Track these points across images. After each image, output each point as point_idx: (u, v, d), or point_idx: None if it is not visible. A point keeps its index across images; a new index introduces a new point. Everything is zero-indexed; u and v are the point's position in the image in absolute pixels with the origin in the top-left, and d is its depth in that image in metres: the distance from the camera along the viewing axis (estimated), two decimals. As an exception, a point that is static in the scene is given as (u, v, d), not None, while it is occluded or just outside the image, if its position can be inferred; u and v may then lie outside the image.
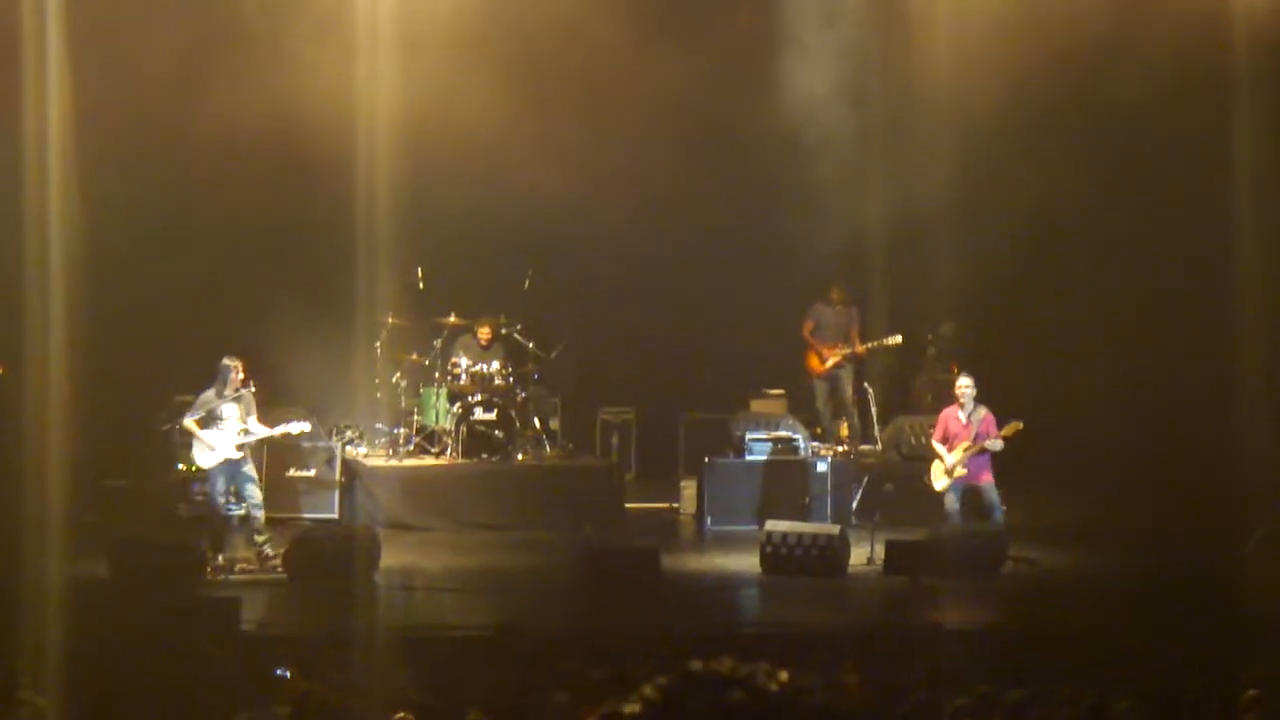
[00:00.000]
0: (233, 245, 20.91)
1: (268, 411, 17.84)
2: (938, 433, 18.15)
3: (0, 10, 19.04)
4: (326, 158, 20.14)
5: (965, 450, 17.77)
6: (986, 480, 17.84)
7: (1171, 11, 19.68)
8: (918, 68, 20.96)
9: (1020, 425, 17.65)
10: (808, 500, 19.69)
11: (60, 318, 18.78)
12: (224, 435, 16.97)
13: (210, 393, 17.10)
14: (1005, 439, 17.68)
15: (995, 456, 17.90)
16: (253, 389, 17.23)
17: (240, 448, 17.03)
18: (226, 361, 17.10)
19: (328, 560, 16.35)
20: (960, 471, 17.78)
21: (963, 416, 17.93)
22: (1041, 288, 21.63)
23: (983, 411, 17.89)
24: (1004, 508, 17.86)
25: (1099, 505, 19.70)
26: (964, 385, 18.06)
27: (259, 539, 16.97)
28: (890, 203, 21.57)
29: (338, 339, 20.80)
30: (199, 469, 18.40)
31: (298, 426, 17.48)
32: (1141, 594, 16.14)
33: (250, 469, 17.23)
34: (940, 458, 17.96)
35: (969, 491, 17.92)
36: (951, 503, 17.87)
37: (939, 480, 17.93)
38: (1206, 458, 19.65)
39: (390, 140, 20.07)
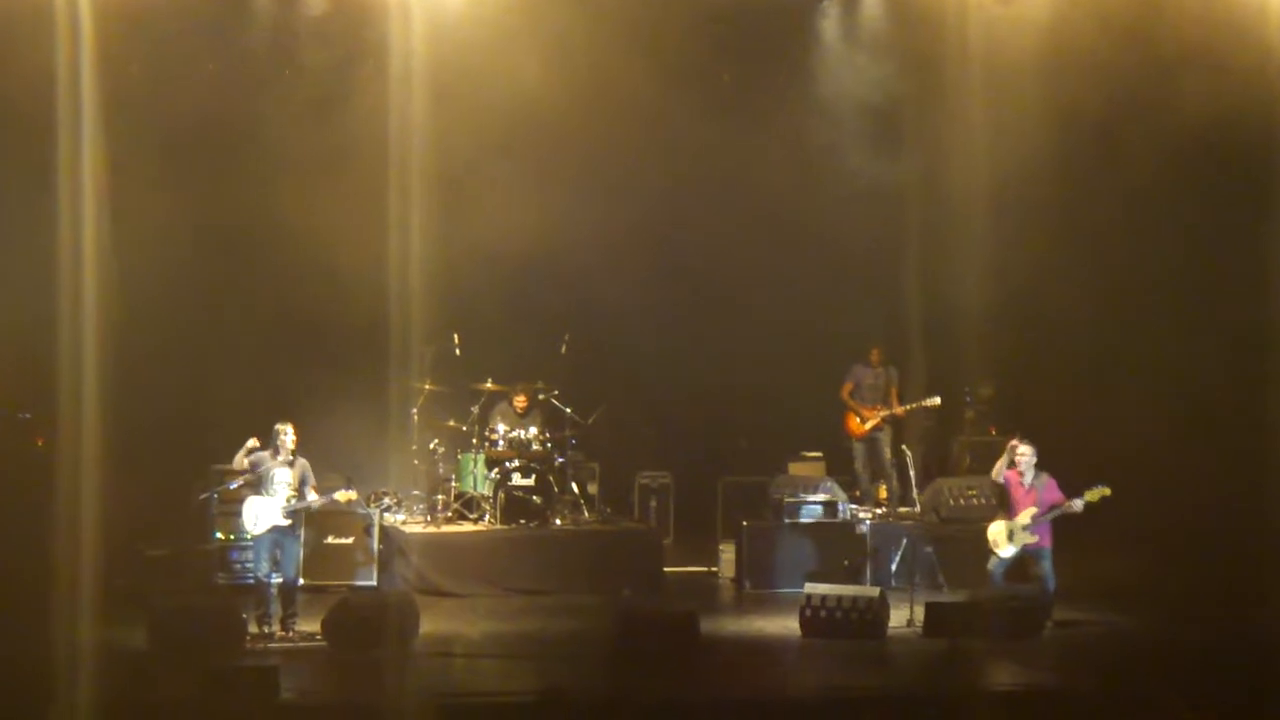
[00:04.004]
0: (269, 312, 21.01)
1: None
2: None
3: (35, 77, 19.20)
4: (363, 227, 20.25)
5: (1034, 517, 17.56)
6: (1045, 545, 17.64)
7: (1208, 71, 19.66)
8: (954, 132, 21.00)
9: (1108, 491, 17.35)
10: (847, 563, 19.63)
11: (96, 386, 18.86)
12: (272, 501, 16.93)
13: (264, 454, 17.03)
14: (1089, 503, 17.41)
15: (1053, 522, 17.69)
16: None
17: (289, 515, 16.98)
18: (278, 426, 17.04)
19: (367, 628, 16.30)
20: (1031, 538, 17.58)
21: (1025, 483, 17.73)
22: (1079, 350, 21.55)
23: (1045, 477, 17.65)
24: (1056, 578, 17.65)
25: (1139, 566, 19.60)
26: (1023, 453, 17.72)
27: (286, 612, 16.88)
28: (929, 267, 21.63)
29: (375, 406, 20.85)
30: (237, 536, 18.50)
31: (344, 494, 17.42)
32: (1183, 656, 16.04)
33: (297, 539, 17.15)
34: (1004, 521, 17.76)
35: (1027, 557, 17.74)
36: (996, 565, 17.71)
37: (1005, 547, 17.71)
38: (1246, 519, 19.56)
39: (425, 209, 20.19)
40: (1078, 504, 17.40)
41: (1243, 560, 18.96)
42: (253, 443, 16.99)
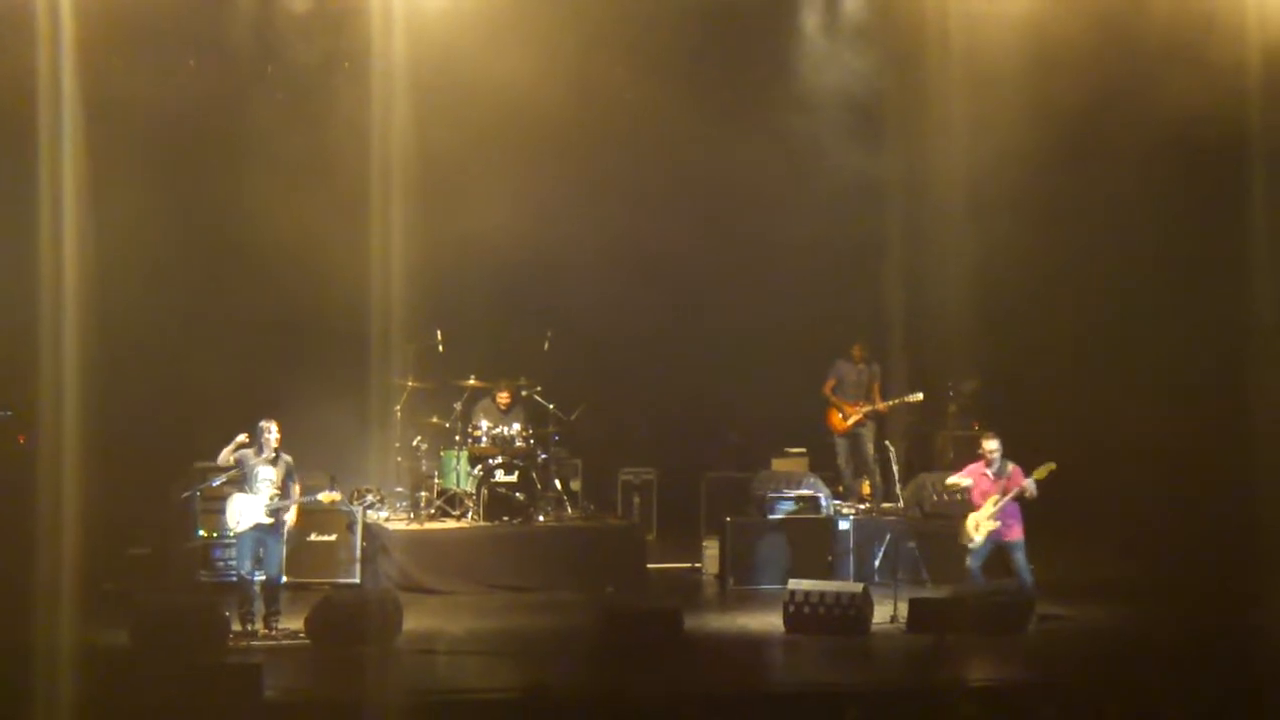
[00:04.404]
0: (252, 310, 20.97)
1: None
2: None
3: (16, 75, 19.15)
4: (345, 224, 20.23)
5: (995, 503, 17.72)
6: (1016, 537, 17.75)
7: (1186, 66, 19.68)
8: (936, 127, 21.03)
9: (1053, 466, 17.54)
10: (830, 559, 19.66)
11: (78, 384, 18.82)
12: (256, 499, 16.89)
13: (248, 451, 17.00)
14: (1039, 481, 17.57)
15: (1026, 513, 17.78)
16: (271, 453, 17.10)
17: (272, 513, 16.93)
18: (262, 423, 16.99)
19: (350, 625, 16.30)
20: (993, 525, 17.72)
21: (991, 474, 17.88)
22: (1063, 342, 21.56)
23: (1011, 467, 17.82)
24: (1033, 568, 17.74)
25: (1124, 560, 19.64)
26: (990, 448, 17.93)
27: (269, 610, 16.84)
28: (911, 262, 21.68)
29: (358, 403, 20.82)
30: (219, 534, 18.51)
31: (328, 495, 17.39)
32: (1169, 650, 16.05)
33: (280, 537, 17.06)
34: (971, 514, 17.93)
35: (998, 550, 17.83)
36: (971, 559, 17.83)
37: (973, 538, 17.84)
38: (1231, 511, 19.59)
39: (407, 206, 20.18)
40: (1030, 484, 17.54)
41: (1229, 554, 19.00)
42: (242, 438, 16.95)
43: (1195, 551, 19.30)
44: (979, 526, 17.81)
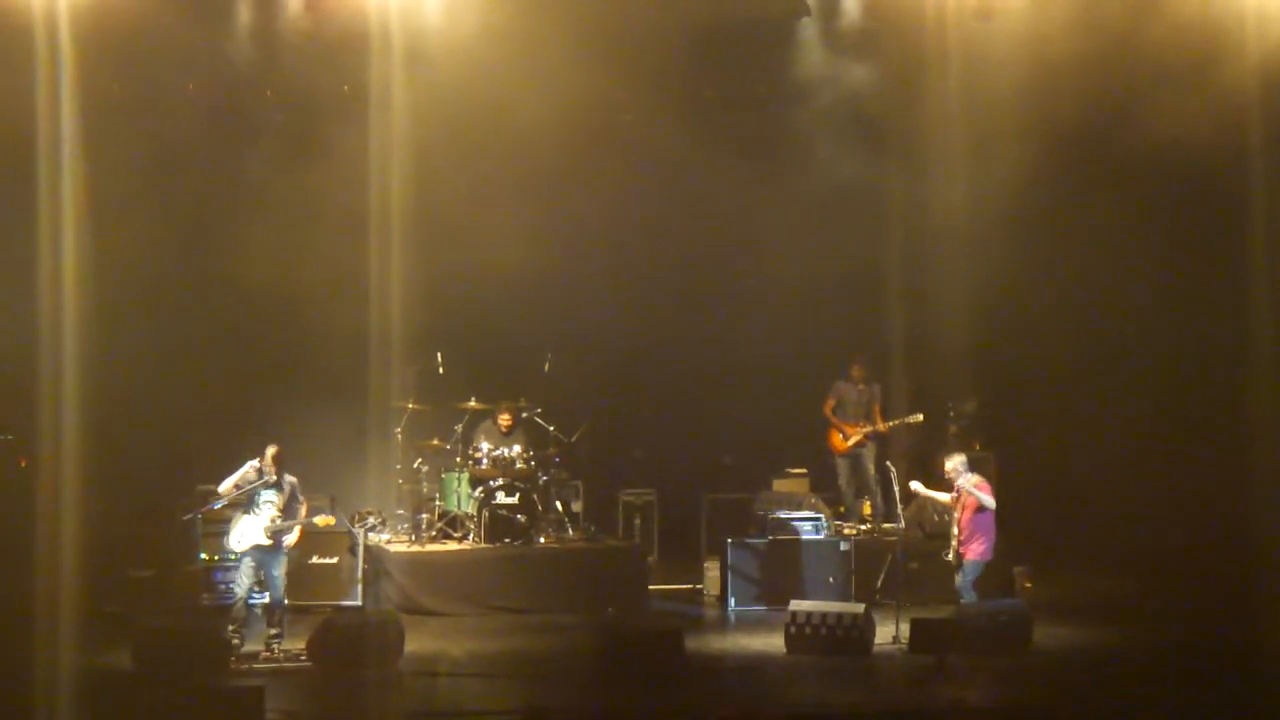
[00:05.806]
0: (252, 332, 20.99)
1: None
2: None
3: (15, 103, 19.21)
4: (344, 244, 20.27)
5: (956, 519, 17.78)
6: (971, 556, 17.63)
7: (1187, 90, 19.73)
8: (936, 145, 21.06)
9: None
10: (831, 579, 19.64)
11: (79, 407, 18.85)
12: (257, 521, 16.91)
13: (251, 473, 17.03)
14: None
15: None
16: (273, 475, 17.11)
17: (272, 535, 16.95)
18: (268, 446, 17.07)
19: (352, 647, 16.30)
20: (955, 541, 17.78)
21: (957, 489, 17.94)
22: (1063, 362, 21.57)
23: (973, 480, 17.81)
24: (973, 595, 17.64)
25: (1124, 577, 19.64)
26: (948, 468, 18.00)
27: (271, 632, 16.90)
28: (911, 281, 21.70)
29: (358, 426, 20.84)
30: (221, 557, 18.51)
31: (323, 518, 17.41)
32: (1167, 670, 16.06)
33: (281, 559, 17.09)
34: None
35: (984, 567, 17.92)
36: (959, 579, 17.84)
37: (950, 555, 17.95)
38: (1228, 530, 19.61)
39: (406, 225, 20.22)
40: (968, 488, 17.65)
41: (1228, 571, 19.00)
42: (266, 458, 17.00)
43: (1194, 569, 19.30)
44: (952, 543, 17.91)
